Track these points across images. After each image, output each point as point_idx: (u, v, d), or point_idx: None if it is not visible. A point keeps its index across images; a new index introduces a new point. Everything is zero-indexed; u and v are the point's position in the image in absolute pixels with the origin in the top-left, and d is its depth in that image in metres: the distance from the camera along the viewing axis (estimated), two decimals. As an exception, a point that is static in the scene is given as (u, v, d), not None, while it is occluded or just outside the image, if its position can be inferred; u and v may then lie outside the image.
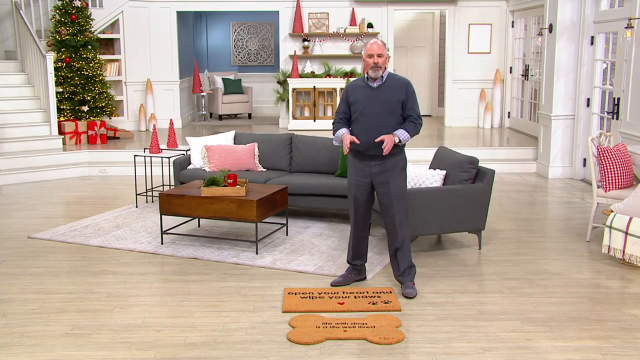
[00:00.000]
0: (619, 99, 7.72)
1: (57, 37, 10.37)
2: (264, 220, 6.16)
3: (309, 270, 5.22)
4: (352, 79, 4.94)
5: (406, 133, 4.58)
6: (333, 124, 4.82)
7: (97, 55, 10.74)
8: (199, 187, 5.99)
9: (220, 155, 6.97)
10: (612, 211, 5.46)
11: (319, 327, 4.15)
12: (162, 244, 5.95)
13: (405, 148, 4.77)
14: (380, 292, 4.73)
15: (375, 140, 4.53)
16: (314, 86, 11.77)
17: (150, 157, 7.64)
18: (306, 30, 12.06)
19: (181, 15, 12.59)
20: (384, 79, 4.65)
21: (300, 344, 3.94)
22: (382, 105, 4.59)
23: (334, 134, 4.80)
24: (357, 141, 4.58)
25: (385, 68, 4.64)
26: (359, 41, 11.94)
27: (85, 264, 5.46)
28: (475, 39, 12.13)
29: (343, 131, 4.71)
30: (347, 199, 4.96)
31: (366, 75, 4.68)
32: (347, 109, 4.75)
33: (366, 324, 4.20)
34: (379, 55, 4.55)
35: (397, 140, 4.54)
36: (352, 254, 4.95)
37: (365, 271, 5.04)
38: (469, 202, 5.62)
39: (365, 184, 4.73)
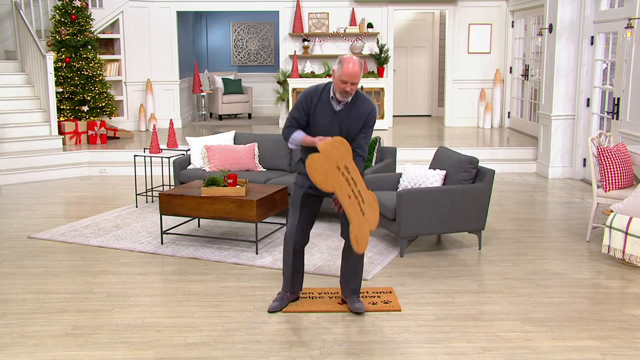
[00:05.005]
0: (619, 99, 7.72)
1: (57, 37, 10.37)
2: (264, 220, 6.16)
3: (309, 270, 5.21)
4: (315, 85, 4.34)
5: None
6: (285, 128, 4.20)
7: (97, 55, 10.73)
8: (199, 187, 5.99)
9: (220, 155, 6.97)
10: (612, 211, 5.46)
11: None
12: (162, 244, 5.95)
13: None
14: (380, 292, 4.73)
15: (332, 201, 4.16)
16: (314, 86, 11.75)
17: (150, 157, 7.64)
18: (306, 30, 12.06)
19: (181, 15, 12.59)
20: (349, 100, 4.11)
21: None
22: (343, 129, 4.11)
23: (286, 138, 4.18)
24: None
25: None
26: (359, 41, 11.93)
27: (85, 264, 5.46)
28: (475, 39, 12.13)
29: (301, 134, 4.13)
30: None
31: (331, 94, 4.11)
32: (305, 119, 4.16)
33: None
34: (353, 84, 3.97)
35: None
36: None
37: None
38: (469, 202, 5.62)
39: (318, 196, 4.38)
